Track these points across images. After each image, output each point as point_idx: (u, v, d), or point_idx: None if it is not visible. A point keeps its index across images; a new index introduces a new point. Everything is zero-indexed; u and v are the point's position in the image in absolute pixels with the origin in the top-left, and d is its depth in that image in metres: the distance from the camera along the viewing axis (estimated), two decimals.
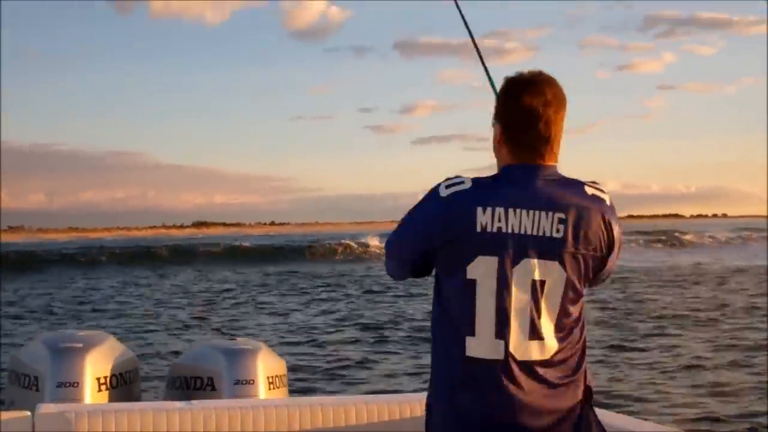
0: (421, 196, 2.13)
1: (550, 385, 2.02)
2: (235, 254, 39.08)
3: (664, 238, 48.72)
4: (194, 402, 3.11)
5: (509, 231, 2.01)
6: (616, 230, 2.08)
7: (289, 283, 24.68)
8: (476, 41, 2.64)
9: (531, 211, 2.02)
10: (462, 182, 2.07)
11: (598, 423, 2.09)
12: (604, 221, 2.05)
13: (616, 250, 2.09)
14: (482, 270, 2.02)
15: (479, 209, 2.02)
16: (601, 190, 2.09)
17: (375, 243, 39.32)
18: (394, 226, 2.21)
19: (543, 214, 2.01)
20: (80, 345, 3.72)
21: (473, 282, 2.03)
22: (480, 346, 2.03)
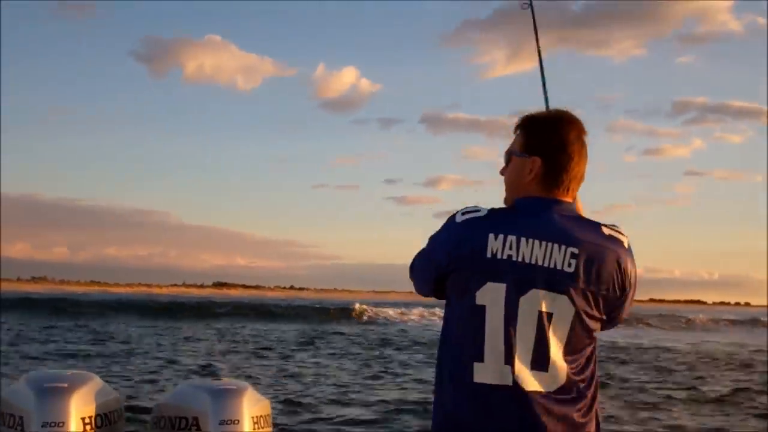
0: None
1: (557, 418, 2.01)
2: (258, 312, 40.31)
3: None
4: None
5: (519, 260, 2.03)
6: (631, 273, 2.06)
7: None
8: (505, 119, 2.74)
9: (544, 243, 2.03)
10: (478, 210, 2.11)
11: None
12: (619, 262, 2.05)
13: (630, 292, 2.09)
14: (491, 296, 2.04)
15: (491, 235, 2.05)
16: (620, 233, 2.09)
17: (389, 312, 40.13)
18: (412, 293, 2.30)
19: (556, 246, 2.02)
20: (65, 384, 3.72)
21: (482, 308, 2.05)
22: (487, 371, 2.04)
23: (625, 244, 2.07)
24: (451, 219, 2.10)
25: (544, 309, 2.00)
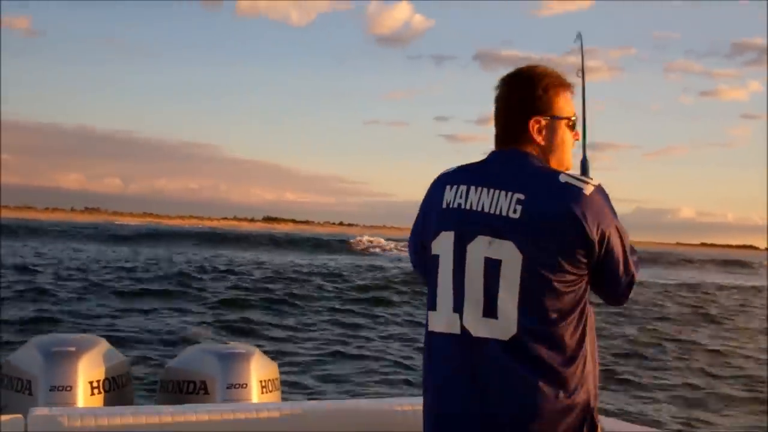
0: None
1: (507, 368, 1.96)
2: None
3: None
4: (187, 406, 3.11)
5: (467, 207, 2.05)
6: (592, 222, 1.97)
7: None
8: (558, 57, 2.69)
9: (492, 190, 2.03)
10: (450, 169, 2.17)
11: None
12: (572, 211, 1.96)
13: (600, 245, 1.99)
14: (442, 245, 2.07)
15: (447, 187, 2.10)
16: (582, 181, 2.02)
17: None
18: None
19: (503, 193, 2.01)
20: (73, 349, 3.71)
21: (437, 257, 2.09)
22: (440, 320, 2.06)
23: (585, 192, 1.98)
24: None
25: (490, 256, 1.98)
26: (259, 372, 3.91)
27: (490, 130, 2.18)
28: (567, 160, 2.16)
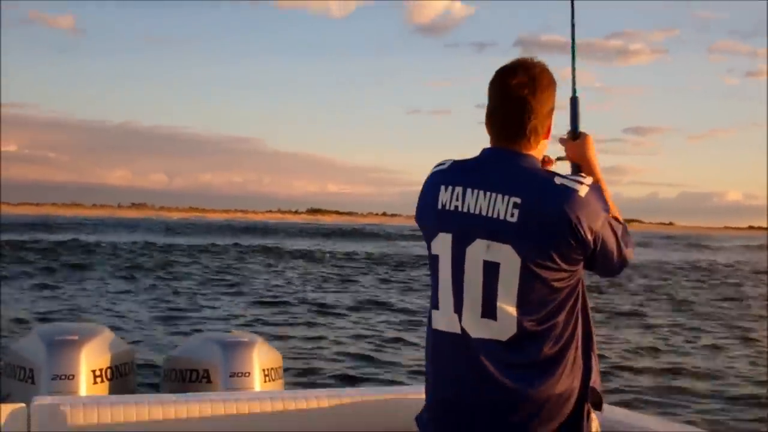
0: None
1: (507, 366, 2.00)
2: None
3: None
4: (190, 394, 3.11)
5: (464, 210, 2.05)
6: (586, 222, 1.99)
7: None
8: (601, 41, 2.63)
9: (488, 193, 2.03)
10: (443, 164, 2.16)
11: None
12: (566, 212, 1.98)
13: (592, 241, 2.01)
14: (441, 246, 2.09)
15: (442, 187, 2.10)
16: (577, 181, 2.03)
17: None
18: None
19: (499, 196, 2.01)
20: (76, 337, 3.72)
21: (437, 257, 2.10)
22: (441, 319, 2.09)
23: (580, 193, 2.00)
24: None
25: (489, 258, 2.01)
26: (262, 361, 3.91)
27: None
28: (545, 147, 2.18)
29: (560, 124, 2.24)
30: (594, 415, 2.10)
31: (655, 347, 12.09)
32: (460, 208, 2.05)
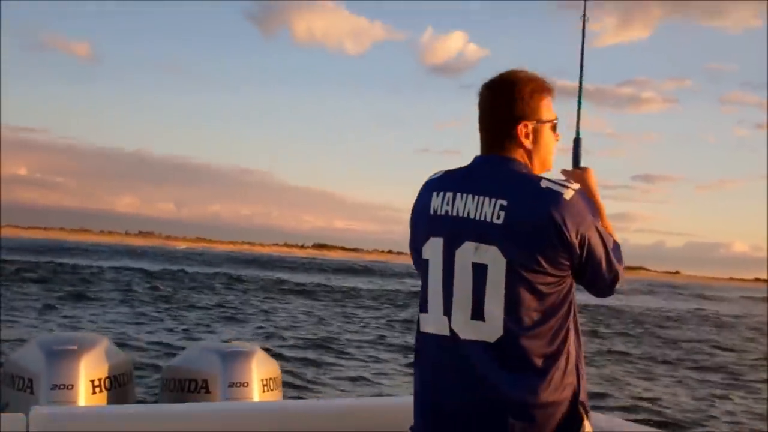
0: None
1: (496, 368, 2.02)
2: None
3: None
4: (188, 404, 3.12)
5: (454, 214, 2.10)
6: (573, 226, 2.01)
7: None
8: (613, 88, 2.71)
9: (476, 197, 2.08)
10: (436, 174, 2.23)
11: None
12: (551, 215, 2.00)
13: (580, 248, 2.03)
14: (432, 250, 2.14)
15: (434, 194, 2.16)
16: (562, 185, 2.06)
17: None
18: None
19: (487, 199, 2.06)
20: (75, 347, 3.72)
21: (427, 261, 2.15)
22: (430, 322, 2.13)
23: (566, 197, 2.01)
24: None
25: (477, 261, 2.05)
26: (260, 371, 3.92)
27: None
28: (549, 161, 2.23)
29: (565, 164, 2.40)
30: (587, 422, 2.09)
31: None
32: (450, 213, 2.11)
